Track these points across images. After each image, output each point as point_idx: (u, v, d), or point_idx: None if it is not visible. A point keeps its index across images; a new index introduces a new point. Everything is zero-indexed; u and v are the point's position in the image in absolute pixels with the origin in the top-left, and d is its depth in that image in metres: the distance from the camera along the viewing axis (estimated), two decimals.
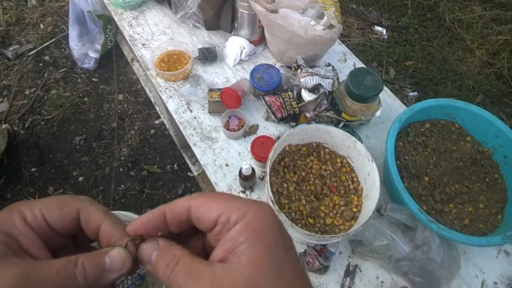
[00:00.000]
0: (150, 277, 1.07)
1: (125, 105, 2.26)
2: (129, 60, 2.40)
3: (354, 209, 0.89)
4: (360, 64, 1.36)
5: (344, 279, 0.93)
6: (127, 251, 0.31)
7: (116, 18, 1.46)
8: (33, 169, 2.00)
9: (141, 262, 0.31)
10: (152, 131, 2.16)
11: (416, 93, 2.37)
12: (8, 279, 0.26)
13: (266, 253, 0.28)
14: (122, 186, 1.96)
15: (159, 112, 2.21)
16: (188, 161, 1.99)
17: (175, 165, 2.04)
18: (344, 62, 1.37)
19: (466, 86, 2.41)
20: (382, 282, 0.93)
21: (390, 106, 1.24)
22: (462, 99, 2.15)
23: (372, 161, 0.88)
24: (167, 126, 2.13)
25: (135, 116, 2.21)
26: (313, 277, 0.93)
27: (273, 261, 0.28)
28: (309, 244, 0.88)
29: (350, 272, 0.93)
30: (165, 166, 2.05)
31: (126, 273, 0.30)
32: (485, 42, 2.63)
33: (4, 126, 2.08)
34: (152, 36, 1.39)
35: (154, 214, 0.32)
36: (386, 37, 2.69)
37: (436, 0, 2.85)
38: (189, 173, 2.01)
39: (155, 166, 2.03)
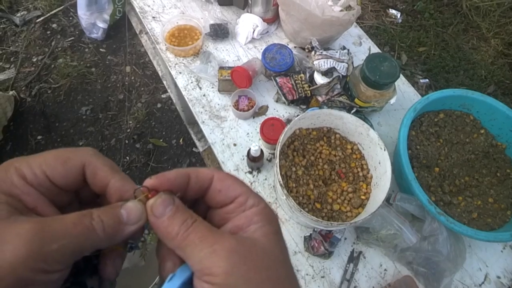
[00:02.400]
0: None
1: (132, 78, 2.23)
2: (138, 32, 2.36)
3: (363, 197, 0.88)
4: (375, 49, 1.33)
5: (348, 265, 0.93)
6: (142, 204, 0.29)
7: None
8: (39, 137, 2.01)
9: (150, 214, 0.29)
10: (159, 105, 2.14)
11: (427, 80, 2.33)
12: (23, 236, 0.24)
13: (276, 234, 0.30)
14: (128, 158, 1.96)
15: (166, 87, 2.19)
16: (194, 137, 1.98)
17: (181, 140, 2.04)
18: (359, 45, 1.34)
19: (479, 76, 2.37)
20: (385, 270, 0.93)
21: (403, 94, 1.21)
22: (474, 88, 2.12)
23: (384, 149, 0.86)
24: (174, 101, 2.12)
25: (142, 89, 2.19)
26: (317, 261, 0.93)
27: (282, 242, 0.31)
28: (315, 229, 0.88)
29: (354, 258, 0.93)
30: (171, 141, 2.04)
31: (142, 226, 0.30)
32: (502, 31, 2.57)
33: (11, 92, 2.07)
34: (163, 8, 1.35)
35: (180, 173, 0.31)
36: (400, 21, 2.63)
37: None
38: (194, 149, 2.00)
39: (161, 140, 2.03)
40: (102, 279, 0.31)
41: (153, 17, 1.33)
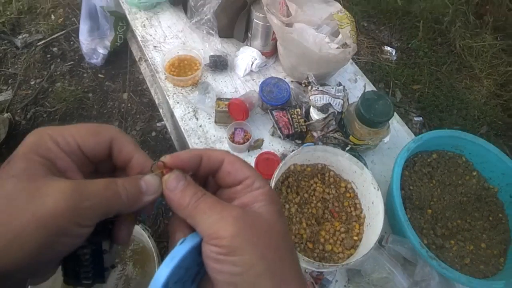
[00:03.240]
0: None
1: (129, 105, 2.24)
2: (137, 59, 2.39)
3: (355, 238, 0.87)
4: (370, 86, 1.35)
5: None
6: (159, 177, 0.33)
7: (129, 17, 1.45)
8: None
9: (164, 187, 0.33)
10: (153, 134, 2.14)
11: (421, 118, 2.36)
12: (62, 191, 0.28)
13: (279, 213, 0.33)
14: None
15: (162, 115, 2.19)
16: None
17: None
18: (354, 82, 1.36)
19: (472, 116, 2.41)
20: None
21: (397, 132, 1.22)
22: (467, 128, 2.15)
23: (378, 189, 0.86)
24: (169, 130, 2.11)
25: (138, 116, 2.20)
26: None
27: (284, 221, 0.34)
28: (306, 270, 0.86)
29: None
30: None
31: (157, 198, 0.33)
32: (494, 72, 2.63)
33: (6, 115, 2.06)
34: (164, 38, 1.37)
35: (193, 154, 0.35)
36: (395, 58, 2.69)
37: (448, 25, 2.85)
38: None
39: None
40: (112, 243, 0.34)
41: (154, 46, 1.34)
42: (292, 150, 1.11)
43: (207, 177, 0.37)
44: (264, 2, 1.14)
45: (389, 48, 2.75)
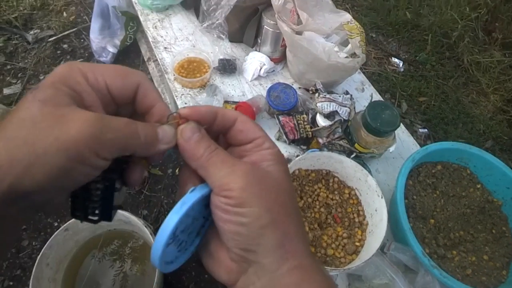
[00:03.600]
0: None
1: None
2: (146, 59, 2.41)
3: (357, 243, 0.88)
4: (377, 96, 1.36)
5: None
6: (174, 128, 0.34)
7: (141, 18, 1.46)
8: None
9: (180, 137, 0.34)
10: None
11: (426, 130, 2.37)
12: (87, 120, 0.28)
13: (286, 172, 0.35)
14: None
15: None
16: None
17: (177, 170, 2.03)
18: (361, 91, 1.37)
19: (477, 130, 2.41)
20: None
21: (403, 143, 1.23)
22: (472, 142, 2.15)
23: (382, 197, 0.87)
24: None
25: None
26: None
27: (290, 179, 0.35)
28: None
29: None
30: (167, 170, 2.04)
31: (170, 147, 0.34)
32: (501, 88, 2.64)
33: (14, 108, 2.08)
34: (175, 40, 1.39)
35: (210, 109, 0.36)
36: (402, 70, 2.70)
37: (456, 40, 2.86)
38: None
39: (157, 168, 2.02)
40: (122, 184, 0.35)
41: (165, 48, 1.36)
42: (297, 155, 1.12)
43: (218, 134, 0.38)
44: (276, 10, 1.16)
45: (396, 60, 2.76)
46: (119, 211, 1.38)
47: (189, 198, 0.32)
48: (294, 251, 0.32)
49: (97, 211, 0.33)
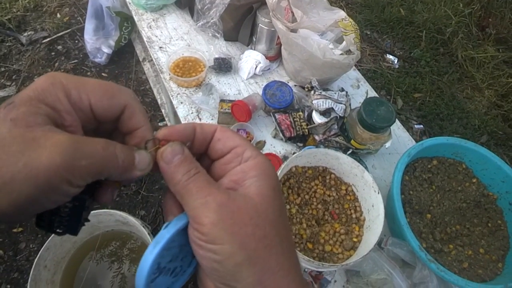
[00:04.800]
0: None
1: None
2: (141, 60, 2.40)
3: (355, 239, 0.88)
4: (373, 93, 1.37)
5: None
6: (151, 155, 0.32)
7: (136, 18, 1.46)
8: None
9: (160, 159, 0.32)
10: (154, 133, 2.15)
11: (421, 126, 2.38)
12: (59, 146, 0.26)
13: (273, 191, 0.31)
14: None
15: (164, 115, 2.20)
16: None
17: None
18: (357, 88, 1.38)
19: (472, 125, 2.42)
20: None
21: (398, 138, 1.23)
22: (467, 137, 2.16)
23: (378, 193, 0.87)
24: None
25: None
26: None
27: (278, 200, 0.32)
28: (305, 270, 0.87)
29: None
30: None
31: (146, 173, 0.32)
32: (495, 83, 2.65)
33: None
34: (170, 40, 1.39)
35: (188, 125, 0.34)
36: (397, 66, 2.71)
37: (450, 36, 2.87)
38: None
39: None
40: (93, 201, 0.34)
41: (160, 47, 1.36)
42: (294, 153, 1.12)
43: (201, 151, 0.35)
44: (270, 8, 1.16)
45: (391, 57, 2.77)
46: (117, 212, 1.38)
47: (162, 236, 0.30)
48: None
49: (64, 225, 0.32)
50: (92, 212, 1.27)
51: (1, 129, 0.26)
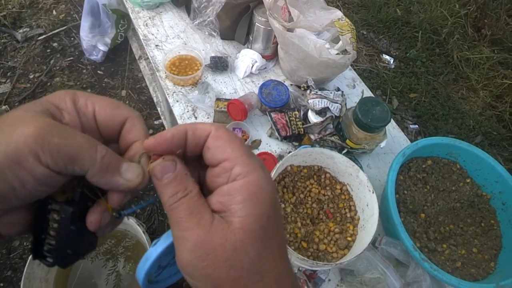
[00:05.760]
0: None
1: (127, 102, 2.25)
2: (137, 58, 2.40)
3: (349, 238, 0.89)
4: (368, 92, 1.37)
5: None
6: (142, 169, 0.31)
7: (132, 16, 1.46)
8: None
9: (151, 175, 0.31)
10: (151, 131, 2.15)
11: (416, 126, 2.39)
12: (39, 122, 0.27)
13: (258, 222, 0.29)
14: None
15: (160, 113, 2.20)
16: None
17: None
18: (352, 88, 1.38)
19: (467, 126, 2.44)
20: None
21: (393, 138, 1.24)
22: (462, 138, 2.17)
23: (373, 192, 0.88)
24: (166, 128, 2.12)
25: None
26: None
27: (263, 231, 0.29)
28: (300, 268, 0.87)
29: None
30: None
31: (134, 188, 0.31)
32: (490, 84, 2.67)
33: (3, 107, 2.06)
34: (166, 38, 1.39)
35: (177, 131, 0.31)
36: (393, 66, 2.72)
37: (446, 37, 2.89)
38: None
39: None
40: (84, 228, 0.32)
41: (156, 45, 1.36)
42: (289, 152, 1.13)
43: (198, 154, 0.33)
44: (267, 7, 1.16)
45: (387, 57, 2.78)
46: None
47: (151, 254, 0.31)
48: None
49: (53, 246, 0.31)
50: None
51: (10, 113, 0.28)
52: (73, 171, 0.28)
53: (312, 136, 1.13)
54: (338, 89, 1.23)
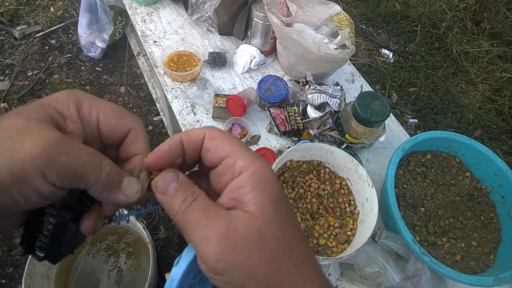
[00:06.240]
0: None
1: (126, 98, 2.25)
2: (135, 54, 2.39)
3: (349, 233, 0.89)
4: (367, 87, 1.37)
5: None
6: (141, 185, 0.31)
7: (130, 12, 1.45)
8: None
9: (155, 190, 0.31)
10: (150, 128, 2.15)
11: (416, 120, 2.39)
12: (46, 137, 0.26)
13: (273, 203, 0.29)
14: None
15: (159, 109, 2.20)
16: None
17: None
18: (351, 82, 1.38)
19: (466, 119, 2.44)
20: None
21: (393, 133, 1.24)
22: (461, 131, 2.17)
23: (372, 186, 0.88)
24: (166, 125, 2.12)
25: (135, 110, 2.20)
26: None
27: (280, 212, 0.29)
28: None
29: None
30: None
31: (133, 203, 0.31)
32: (489, 77, 2.67)
33: (2, 105, 2.06)
34: (164, 34, 1.38)
35: (173, 141, 0.32)
36: (392, 61, 2.72)
37: (445, 30, 2.88)
38: None
39: None
40: (77, 230, 0.32)
41: (154, 42, 1.35)
42: (289, 147, 1.13)
43: (196, 159, 0.33)
44: (265, 2, 1.16)
45: (386, 51, 2.77)
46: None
47: (175, 274, 0.31)
48: None
49: (45, 246, 0.32)
50: None
51: (7, 119, 0.27)
52: (77, 187, 0.29)
53: (311, 131, 1.13)
54: (337, 84, 1.22)
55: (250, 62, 1.31)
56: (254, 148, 1.11)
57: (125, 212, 0.36)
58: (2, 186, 0.25)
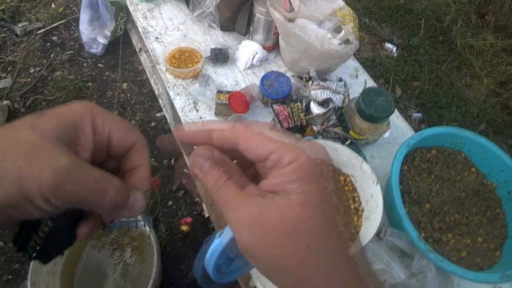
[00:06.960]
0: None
1: (128, 95, 2.24)
2: (137, 50, 2.38)
3: (353, 230, 0.88)
4: (371, 82, 1.36)
5: None
6: (145, 200, 0.33)
7: (131, 8, 1.44)
8: None
9: (194, 166, 0.31)
10: (153, 124, 2.15)
11: (420, 114, 2.37)
12: (56, 163, 0.28)
13: (318, 197, 0.28)
14: None
15: (161, 106, 2.19)
16: (186, 158, 1.98)
17: (173, 160, 2.03)
18: (355, 78, 1.37)
19: (471, 113, 2.42)
20: None
21: (397, 128, 1.23)
22: (466, 125, 2.16)
23: (377, 183, 0.87)
24: (168, 121, 2.12)
25: (137, 106, 2.20)
26: None
27: (325, 208, 0.28)
28: None
29: None
30: (162, 161, 2.03)
31: (136, 215, 0.34)
32: (494, 71, 2.64)
33: (5, 102, 2.06)
34: (166, 30, 1.37)
35: (204, 128, 0.32)
36: (395, 54, 2.69)
37: (449, 23, 2.85)
38: (185, 170, 1.99)
39: (152, 159, 2.02)
40: (74, 233, 0.34)
41: (156, 38, 1.34)
42: None
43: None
44: None
45: (390, 45, 2.75)
46: None
47: (217, 245, 0.32)
48: None
49: (38, 247, 0.32)
50: None
51: (22, 132, 0.28)
52: (82, 207, 0.31)
53: (315, 128, 1.12)
54: (341, 80, 1.21)
55: (253, 58, 1.30)
56: None
57: (118, 221, 0.37)
58: (10, 202, 0.27)
